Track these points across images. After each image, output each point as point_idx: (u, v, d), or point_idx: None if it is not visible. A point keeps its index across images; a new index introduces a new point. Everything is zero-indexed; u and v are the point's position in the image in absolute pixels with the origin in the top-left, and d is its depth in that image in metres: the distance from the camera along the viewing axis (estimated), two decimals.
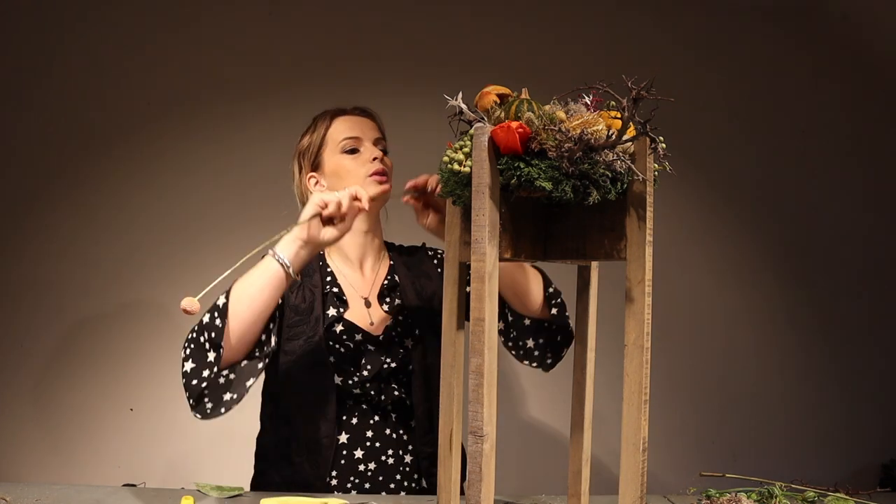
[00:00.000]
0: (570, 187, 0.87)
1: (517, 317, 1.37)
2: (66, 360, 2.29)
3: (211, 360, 1.19)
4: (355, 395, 1.39)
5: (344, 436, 1.39)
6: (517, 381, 2.41)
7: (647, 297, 0.91)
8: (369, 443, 1.40)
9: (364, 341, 1.40)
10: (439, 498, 1.09)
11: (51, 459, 2.27)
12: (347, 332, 1.39)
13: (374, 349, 1.40)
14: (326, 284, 1.44)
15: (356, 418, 1.40)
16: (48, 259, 2.30)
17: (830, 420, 2.48)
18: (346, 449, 1.39)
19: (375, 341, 1.41)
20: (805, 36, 2.52)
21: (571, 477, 1.12)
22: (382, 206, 1.48)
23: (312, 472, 1.36)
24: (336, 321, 1.40)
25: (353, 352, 1.39)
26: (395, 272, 1.49)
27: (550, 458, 2.35)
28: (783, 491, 1.24)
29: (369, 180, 1.40)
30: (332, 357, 1.37)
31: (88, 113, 2.33)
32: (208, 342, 1.19)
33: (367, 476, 1.39)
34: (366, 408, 1.41)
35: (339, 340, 1.39)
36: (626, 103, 0.83)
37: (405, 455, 1.42)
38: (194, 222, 2.34)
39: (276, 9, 2.40)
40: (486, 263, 0.87)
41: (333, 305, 1.41)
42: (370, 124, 1.49)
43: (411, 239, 1.60)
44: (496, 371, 0.90)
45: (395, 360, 1.41)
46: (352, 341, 1.39)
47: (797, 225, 2.52)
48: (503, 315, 1.38)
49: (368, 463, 1.39)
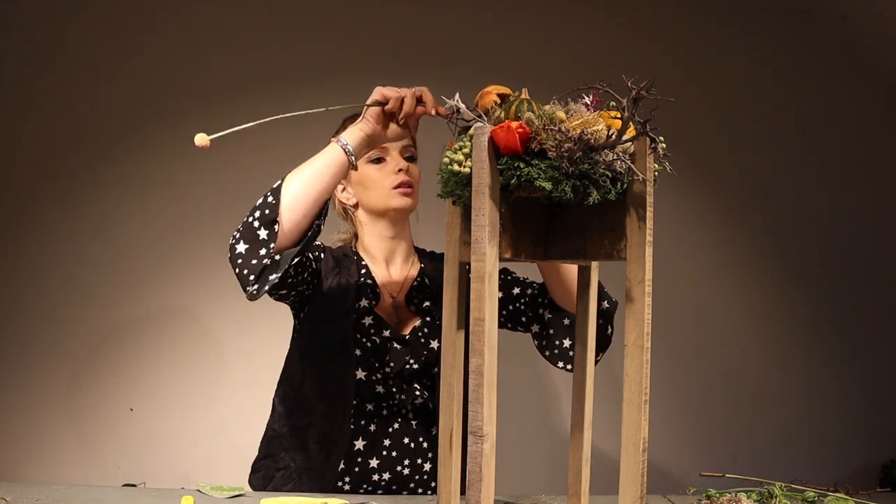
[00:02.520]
0: (570, 187, 0.87)
1: (557, 317, 1.35)
2: (66, 360, 2.29)
3: (264, 237, 1.14)
4: (377, 395, 1.37)
5: (360, 442, 1.36)
6: (518, 381, 2.41)
7: (648, 297, 0.91)
8: (385, 452, 1.37)
9: (391, 338, 1.38)
10: (439, 498, 1.09)
11: (51, 459, 2.27)
12: (375, 327, 1.37)
13: (399, 347, 1.38)
14: (362, 276, 1.41)
15: (374, 425, 1.37)
16: (48, 259, 2.30)
17: (831, 420, 2.48)
18: (361, 456, 1.36)
19: (402, 340, 1.39)
20: (805, 36, 2.52)
21: (571, 477, 1.12)
22: (410, 213, 1.45)
23: (324, 461, 1.34)
24: (366, 313, 1.37)
25: (379, 347, 1.37)
26: (424, 275, 1.47)
27: (550, 458, 2.35)
28: (783, 491, 1.24)
29: (393, 192, 1.38)
30: (357, 350, 1.35)
31: (88, 113, 2.33)
32: (260, 220, 1.15)
33: (381, 485, 1.37)
34: (386, 413, 1.38)
35: (366, 333, 1.36)
36: (626, 103, 0.83)
37: (424, 463, 1.40)
38: (194, 222, 2.34)
39: (275, 9, 2.40)
40: (486, 263, 0.87)
41: (366, 297, 1.39)
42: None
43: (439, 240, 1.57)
44: (496, 371, 0.90)
45: (418, 362, 1.38)
46: (379, 336, 1.37)
47: (797, 225, 2.53)
48: (539, 319, 1.38)
49: (383, 473, 1.37)
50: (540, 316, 1.38)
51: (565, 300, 1.34)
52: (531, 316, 1.40)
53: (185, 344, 2.32)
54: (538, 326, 1.38)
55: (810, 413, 2.47)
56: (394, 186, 1.39)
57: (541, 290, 1.40)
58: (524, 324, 1.41)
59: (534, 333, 1.40)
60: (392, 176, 1.39)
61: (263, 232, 1.15)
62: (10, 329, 2.28)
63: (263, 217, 1.15)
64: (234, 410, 2.28)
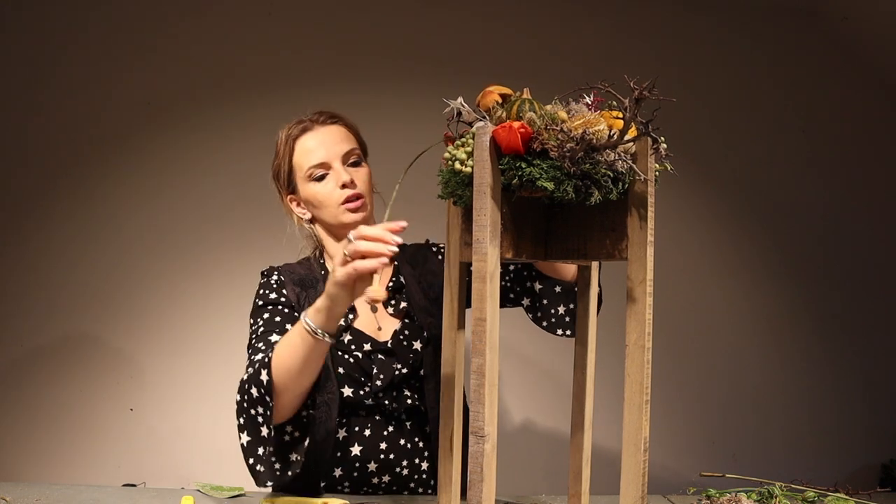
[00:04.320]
0: (572, 187, 0.87)
1: (547, 285, 1.32)
2: (67, 360, 2.29)
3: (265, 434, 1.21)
4: (368, 406, 1.34)
5: (357, 447, 1.34)
6: (517, 381, 2.41)
7: (649, 297, 0.91)
8: (383, 455, 1.35)
9: (373, 350, 1.35)
10: (439, 498, 1.09)
11: (51, 459, 2.27)
12: (356, 342, 1.35)
13: (384, 358, 1.35)
14: None
15: (369, 430, 1.35)
16: (48, 259, 2.30)
17: (831, 420, 2.48)
18: (359, 461, 1.34)
19: (384, 349, 1.35)
20: (805, 36, 2.53)
21: (571, 477, 1.12)
22: (370, 214, 1.40)
23: (318, 477, 1.32)
24: (344, 330, 1.35)
25: (362, 362, 1.34)
26: (399, 272, 1.43)
27: (550, 458, 2.35)
28: (783, 491, 1.24)
29: (341, 209, 1.34)
30: (340, 368, 1.32)
31: (88, 113, 2.33)
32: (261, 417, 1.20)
33: (382, 487, 1.36)
34: (379, 419, 1.35)
35: (347, 351, 1.34)
36: (628, 103, 0.83)
37: (422, 462, 1.38)
38: (195, 222, 2.34)
39: (275, 9, 2.40)
40: (488, 263, 0.87)
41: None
42: (337, 135, 1.39)
43: (413, 234, 1.59)
44: (497, 371, 0.90)
45: (406, 366, 1.35)
46: (360, 351, 1.34)
47: (797, 225, 2.53)
48: (529, 291, 1.34)
49: (382, 476, 1.35)
50: (529, 288, 1.34)
51: (554, 272, 1.30)
52: (520, 290, 1.36)
53: (185, 344, 2.32)
54: (529, 299, 1.35)
55: (810, 413, 2.48)
56: (341, 203, 1.34)
57: (525, 263, 1.35)
58: (513, 300, 1.38)
59: (526, 307, 1.37)
60: (337, 192, 1.34)
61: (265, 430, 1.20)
62: (10, 329, 2.28)
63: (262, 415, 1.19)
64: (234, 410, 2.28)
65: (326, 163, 1.35)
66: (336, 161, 1.36)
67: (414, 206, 1.81)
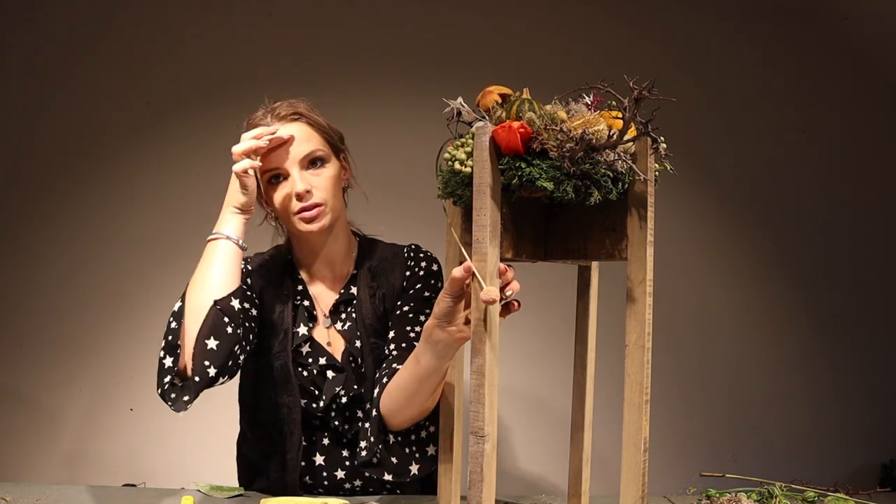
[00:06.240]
0: (572, 187, 0.87)
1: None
2: (67, 360, 2.29)
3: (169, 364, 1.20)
4: (322, 420, 1.31)
5: (319, 457, 1.32)
6: (517, 381, 2.41)
7: (649, 297, 0.91)
8: (348, 462, 1.32)
9: (327, 365, 1.30)
10: (440, 499, 1.09)
11: (51, 459, 2.27)
12: (313, 355, 1.30)
13: (333, 376, 1.29)
14: (297, 295, 1.33)
15: (327, 439, 1.32)
16: (48, 259, 2.30)
17: (831, 420, 2.48)
18: (326, 471, 1.32)
19: (336, 367, 1.30)
20: (805, 36, 2.52)
21: (572, 477, 1.12)
22: (338, 215, 1.31)
23: (288, 489, 1.30)
24: (304, 341, 1.31)
25: (315, 377, 1.30)
26: (354, 282, 1.35)
27: (550, 458, 2.35)
28: (783, 491, 1.24)
29: (296, 219, 1.25)
30: (298, 380, 1.29)
31: (88, 114, 2.33)
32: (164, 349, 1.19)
33: (356, 492, 1.33)
34: (336, 434, 1.33)
35: (304, 363, 1.30)
36: (628, 103, 0.83)
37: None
38: (196, 222, 2.34)
39: (275, 9, 2.40)
40: (488, 263, 0.87)
41: (303, 321, 1.31)
42: (297, 136, 1.26)
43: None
44: (497, 371, 0.90)
45: (350, 390, 1.29)
46: (316, 366, 1.30)
47: (797, 225, 2.52)
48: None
49: (353, 481, 1.33)
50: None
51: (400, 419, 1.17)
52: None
53: None
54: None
55: (810, 413, 2.47)
56: (294, 213, 1.25)
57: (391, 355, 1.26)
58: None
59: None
60: (293, 201, 1.24)
61: (169, 360, 1.16)
62: (10, 329, 2.28)
63: (168, 344, 1.16)
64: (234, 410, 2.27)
65: (282, 168, 1.25)
66: (294, 167, 1.25)
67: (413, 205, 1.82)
